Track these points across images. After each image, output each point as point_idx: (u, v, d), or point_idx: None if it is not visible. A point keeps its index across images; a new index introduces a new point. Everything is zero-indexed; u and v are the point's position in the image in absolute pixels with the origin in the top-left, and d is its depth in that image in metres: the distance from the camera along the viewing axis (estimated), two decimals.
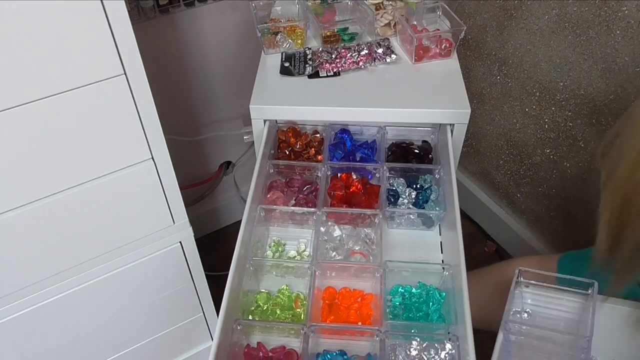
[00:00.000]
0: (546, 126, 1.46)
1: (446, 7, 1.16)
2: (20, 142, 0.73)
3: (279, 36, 1.13)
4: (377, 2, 1.17)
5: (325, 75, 1.08)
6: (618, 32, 1.19)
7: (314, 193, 1.00)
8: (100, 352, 1.09)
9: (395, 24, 1.16)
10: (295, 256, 0.95)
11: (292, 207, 0.97)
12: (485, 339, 1.50)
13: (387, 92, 1.04)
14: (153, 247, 0.99)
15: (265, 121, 1.06)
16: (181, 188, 0.95)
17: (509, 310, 0.79)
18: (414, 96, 1.04)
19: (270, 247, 0.96)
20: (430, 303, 0.87)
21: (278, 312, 0.86)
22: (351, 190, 0.99)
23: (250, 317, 0.85)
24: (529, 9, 1.37)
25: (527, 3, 1.37)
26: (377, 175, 1.03)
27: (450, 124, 1.04)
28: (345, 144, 1.06)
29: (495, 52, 1.52)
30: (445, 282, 0.88)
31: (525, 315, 0.84)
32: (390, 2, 1.16)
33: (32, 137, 0.74)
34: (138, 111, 0.80)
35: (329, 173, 1.02)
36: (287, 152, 1.07)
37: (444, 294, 0.88)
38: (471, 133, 1.74)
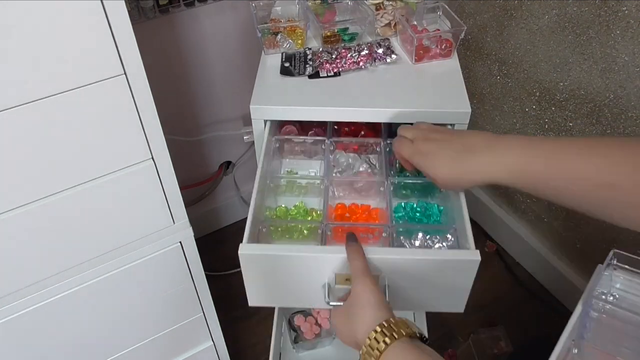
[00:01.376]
0: (546, 126, 1.46)
1: (446, 7, 1.16)
2: (19, 142, 0.73)
3: (279, 36, 1.13)
4: (377, 2, 1.16)
5: (326, 75, 1.08)
6: (618, 32, 1.18)
7: (323, 128, 1.13)
8: (99, 352, 1.09)
9: (395, 24, 1.16)
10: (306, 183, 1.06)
11: (304, 137, 1.08)
12: (485, 339, 1.51)
13: (388, 92, 1.04)
14: (153, 247, 0.99)
15: (265, 121, 1.05)
16: (181, 188, 0.95)
17: (593, 288, 0.80)
18: (415, 96, 1.04)
19: (285, 172, 1.10)
20: (430, 215, 0.98)
21: (297, 219, 0.98)
22: (356, 126, 1.12)
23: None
24: (529, 9, 1.37)
25: (527, 3, 1.37)
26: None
27: (451, 124, 1.04)
28: None
29: (496, 52, 1.52)
30: (444, 199, 0.99)
31: (612, 298, 0.84)
32: (391, 2, 1.16)
33: (31, 137, 0.73)
34: (138, 111, 0.80)
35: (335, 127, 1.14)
36: None
37: (442, 207, 0.98)
38: None
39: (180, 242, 1.02)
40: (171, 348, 1.21)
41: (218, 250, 1.81)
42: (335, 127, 1.13)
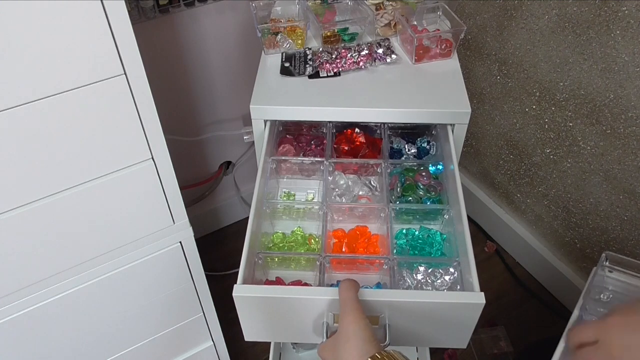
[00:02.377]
0: (546, 126, 1.46)
1: (446, 7, 1.16)
2: (20, 142, 0.73)
3: (279, 36, 1.13)
4: (377, 2, 1.16)
5: (326, 75, 1.08)
6: (618, 32, 1.18)
7: (321, 147, 1.11)
8: (100, 352, 1.09)
9: (395, 24, 1.16)
10: (305, 202, 1.05)
11: (302, 158, 1.07)
12: (485, 339, 1.51)
13: (388, 92, 1.04)
14: (153, 247, 0.99)
15: (265, 121, 1.05)
16: (181, 188, 0.95)
17: (588, 292, 0.79)
18: (415, 96, 1.04)
19: (281, 197, 1.07)
20: (433, 243, 0.95)
21: (294, 247, 0.96)
22: (356, 144, 1.09)
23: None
24: (529, 9, 1.37)
25: (527, 3, 1.37)
26: (378, 132, 1.12)
27: (451, 124, 1.04)
28: None
29: (495, 52, 1.52)
30: (446, 225, 0.96)
31: (605, 298, 0.84)
32: (391, 3, 1.16)
33: (32, 137, 0.73)
34: (138, 111, 0.79)
35: (333, 131, 1.11)
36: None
37: (445, 235, 0.95)
38: (471, 133, 1.74)
39: (180, 242, 1.02)
40: (171, 348, 1.21)
41: (218, 250, 1.81)
42: (335, 145, 1.09)
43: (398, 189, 1.01)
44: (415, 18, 1.17)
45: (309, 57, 1.10)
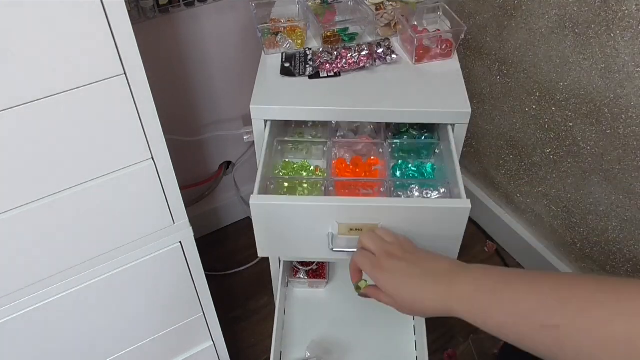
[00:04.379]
0: (546, 126, 1.46)
1: (446, 7, 1.16)
2: (19, 142, 0.73)
3: (279, 36, 1.13)
4: (377, 2, 1.16)
5: (326, 75, 1.08)
6: (618, 32, 1.18)
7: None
8: (99, 352, 1.09)
9: (395, 24, 1.16)
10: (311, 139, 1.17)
11: (305, 138, 1.15)
12: (485, 339, 1.51)
13: (388, 92, 1.04)
14: (153, 247, 0.99)
15: (265, 121, 1.05)
16: (181, 188, 0.95)
17: None
18: (415, 96, 1.04)
19: (291, 135, 1.19)
20: (424, 173, 1.07)
21: (303, 173, 1.09)
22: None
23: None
24: (528, 9, 1.37)
25: (527, 3, 1.37)
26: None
27: (451, 124, 1.04)
28: None
29: (495, 52, 1.52)
30: (438, 159, 1.08)
31: None
32: (391, 3, 1.16)
33: (32, 137, 0.73)
34: (138, 111, 0.80)
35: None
36: None
37: (436, 167, 1.07)
38: (471, 133, 1.74)
39: (180, 242, 1.02)
40: (171, 348, 1.21)
41: (218, 250, 1.81)
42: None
43: (393, 128, 1.13)
44: (416, 18, 1.17)
45: (309, 57, 1.10)
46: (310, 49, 1.12)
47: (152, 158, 0.86)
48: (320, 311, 1.42)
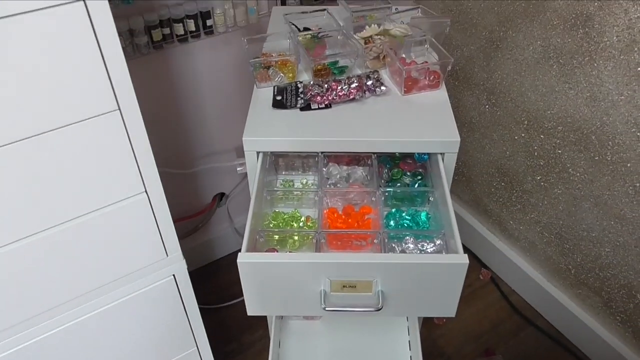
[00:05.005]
0: (535, 153, 1.48)
1: (433, 40, 1.19)
2: (13, 178, 0.74)
3: (271, 70, 1.15)
4: (366, 36, 1.19)
5: (317, 107, 1.10)
6: (601, 62, 1.22)
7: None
8: None
9: (384, 57, 1.18)
10: (302, 187, 1.16)
11: (298, 151, 1.13)
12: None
13: (378, 123, 1.06)
14: (146, 280, 0.98)
15: (258, 153, 1.07)
16: (174, 220, 0.95)
17: None
18: (404, 126, 1.05)
19: (281, 184, 1.19)
20: (419, 222, 1.06)
21: (294, 224, 1.07)
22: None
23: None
24: (514, 41, 1.40)
25: (511, 35, 1.40)
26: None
27: (441, 153, 1.06)
28: None
29: (483, 82, 1.55)
30: (432, 207, 1.08)
31: None
32: (379, 36, 1.19)
33: (27, 172, 0.74)
34: (132, 146, 0.81)
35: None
36: None
37: (430, 215, 1.06)
38: (462, 161, 1.76)
39: (173, 275, 1.02)
40: None
41: (212, 283, 1.79)
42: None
43: (385, 175, 1.12)
44: (404, 51, 1.20)
45: (300, 90, 1.12)
46: (301, 82, 1.14)
47: (146, 191, 0.87)
48: (317, 344, 1.41)
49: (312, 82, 1.13)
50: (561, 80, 1.32)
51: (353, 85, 1.11)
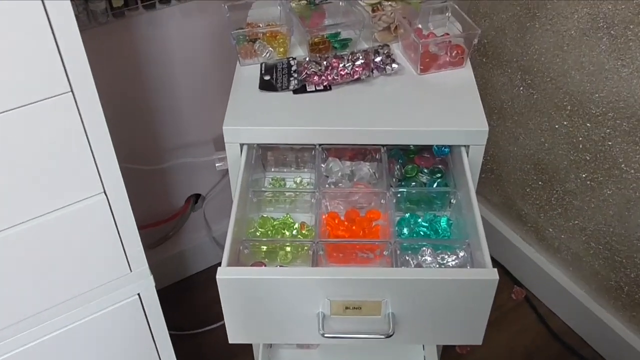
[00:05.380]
0: (580, 146, 1.48)
1: (456, 7, 1.19)
2: None
3: (257, 44, 1.15)
4: (374, 2, 1.19)
5: (314, 89, 1.10)
6: None
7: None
8: None
9: (396, 27, 1.18)
10: (296, 187, 1.14)
11: (291, 144, 1.12)
12: None
13: (388, 109, 1.06)
14: (105, 301, 0.98)
15: (242, 145, 1.06)
16: (140, 227, 0.95)
17: None
18: (420, 113, 1.05)
19: (270, 183, 1.16)
20: (438, 230, 1.03)
21: (286, 233, 1.04)
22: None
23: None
24: (555, 8, 1.40)
25: (552, 1, 1.40)
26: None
27: (465, 145, 1.06)
28: None
29: (517, 59, 1.55)
30: (454, 211, 1.05)
31: None
32: (390, 3, 1.19)
33: None
34: (87, 135, 0.80)
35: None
36: None
37: (452, 221, 1.04)
38: (490, 155, 1.76)
39: (138, 294, 1.02)
40: None
41: (185, 304, 1.79)
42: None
43: (396, 172, 1.09)
44: (420, 20, 1.20)
45: (294, 68, 1.12)
46: (294, 59, 1.14)
47: (104, 192, 0.87)
48: None
49: (307, 59, 1.13)
50: (612, 56, 1.32)
51: (358, 63, 1.10)
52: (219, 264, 0.88)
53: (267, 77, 1.12)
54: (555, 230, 1.68)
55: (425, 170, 1.11)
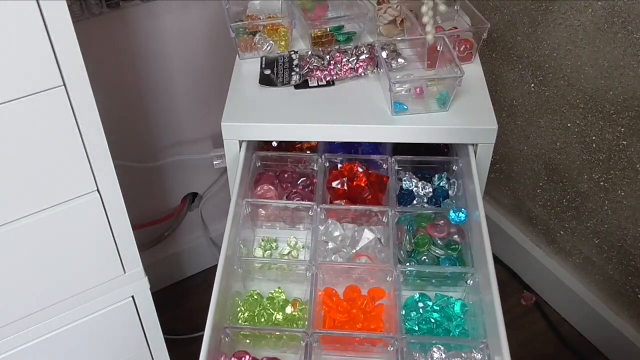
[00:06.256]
0: (594, 145, 1.48)
1: (465, 0, 1.19)
2: None
3: (257, 37, 1.15)
4: None
5: (316, 84, 1.10)
6: None
7: (310, 187, 1.09)
8: None
9: (402, 21, 1.18)
10: (289, 251, 1.04)
11: (285, 202, 1.06)
12: None
13: None
14: (97, 303, 0.98)
15: (240, 143, 1.06)
16: (134, 227, 0.95)
17: None
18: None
19: (260, 245, 1.06)
20: (451, 316, 0.94)
21: (273, 314, 0.94)
22: (354, 183, 1.06)
23: (240, 322, 0.94)
24: (568, 1, 1.40)
25: None
26: (384, 166, 1.11)
27: (473, 144, 1.06)
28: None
29: (528, 55, 1.55)
30: (470, 292, 0.96)
31: None
32: None
33: None
34: (80, 131, 0.80)
35: (327, 165, 1.10)
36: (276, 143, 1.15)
37: (467, 307, 0.95)
38: (500, 155, 1.76)
39: (132, 297, 1.02)
40: None
41: (181, 307, 1.79)
42: (328, 185, 1.09)
43: (407, 244, 1.00)
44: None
45: (295, 62, 1.12)
46: (296, 52, 1.14)
47: (98, 190, 0.87)
48: None
49: (310, 53, 1.13)
50: (628, 52, 1.32)
51: (362, 57, 1.11)
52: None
53: (267, 72, 1.12)
54: (566, 233, 1.68)
55: (439, 242, 1.01)
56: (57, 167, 0.82)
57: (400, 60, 1.11)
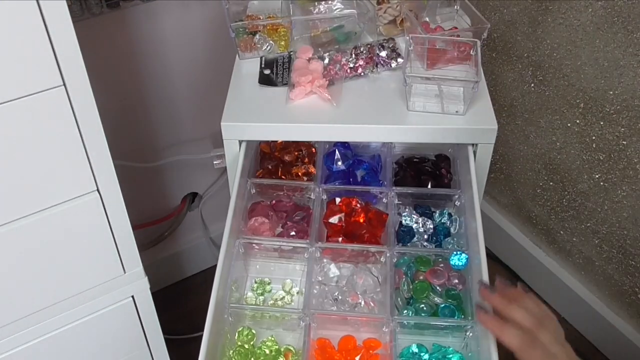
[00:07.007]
0: (594, 145, 1.48)
1: (465, 0, 1.19)
2: None
3: (257, 36, 1.15)
4: None
5: None
6: None
7: (306, 220, 1.06)
8: None
9: (402, 21, 1.18)
10: (283, 297, 1.00)
11: (279, 241, 1.03)
12: None
13: (393, 105, 1.06)
14: (97, 303, 0.98)
15: (240, 142, 1.07)
16: (134, 227, 0.95)
17: None
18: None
19: (253, 288, 1.03)
20: None
21: None
22: (352, 219, 1.04)
23: None
24: (568, 1, 1.40)
25: None
26: (383, 200, 1.08)
27: (473, 144, 1.06)
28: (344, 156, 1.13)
29: (528, 54, 1.55)
30: (469, 344, 0.91)
31: None
32: None
33: None
34: (80, 131, 0.80)
35: (324, 197, 1.07)
36: (271, 167, 1.11)
37: (465, 359, 0.92)
38: (500, 155, 1.76)
39: (132, 297, 1.02)
40: None
41: (180, 307, 1.79)
42: (325, 220, 1.06)
43: (403, 288, 0.98)
44: (427, 13, 1.20)
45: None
46: (295, 53, 1.14)
47: (98, 190, 0.87)
48: None
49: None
50: (628, 52, 1.32)
51: (362, 57, 1.11)
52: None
53: (267, 72, 1.12)
54: (566, 233, 1.68)
55: (439, 290, 0.98)
56: (57, 167, 0.82)
57: (400, 60, 1.12)
